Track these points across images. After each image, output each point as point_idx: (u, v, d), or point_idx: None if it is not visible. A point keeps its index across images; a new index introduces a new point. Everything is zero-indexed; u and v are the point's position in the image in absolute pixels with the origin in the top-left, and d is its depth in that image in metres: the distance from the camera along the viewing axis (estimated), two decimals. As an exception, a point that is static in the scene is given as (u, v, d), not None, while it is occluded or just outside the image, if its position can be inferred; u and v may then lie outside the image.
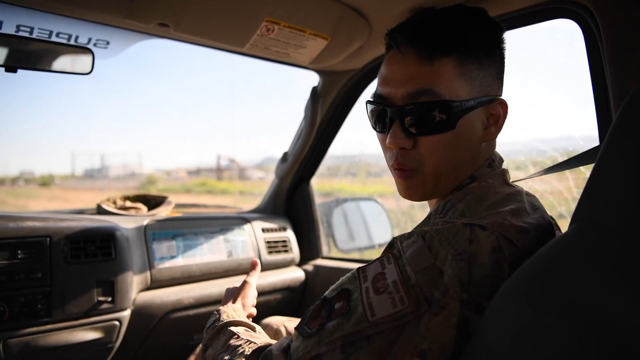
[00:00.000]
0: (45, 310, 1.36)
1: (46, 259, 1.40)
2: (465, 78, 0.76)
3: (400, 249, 0.68)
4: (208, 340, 0.92)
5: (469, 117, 0.76)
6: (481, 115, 0.79)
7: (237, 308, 1.05)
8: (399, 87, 0.76)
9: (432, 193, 0.81)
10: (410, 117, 0.75)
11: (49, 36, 1.30)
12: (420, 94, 0.74)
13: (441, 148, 0.76)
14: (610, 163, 0.58)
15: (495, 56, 0.80)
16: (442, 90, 0.74)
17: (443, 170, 0.78)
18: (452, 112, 0.74)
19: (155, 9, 1.19)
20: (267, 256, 2.00)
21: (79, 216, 1.65)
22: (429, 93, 0.74)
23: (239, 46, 1.44)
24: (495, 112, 0.80)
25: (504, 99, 0.81)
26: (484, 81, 0.78)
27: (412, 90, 0.75)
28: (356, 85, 1.86)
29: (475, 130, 0.79)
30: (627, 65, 0.95)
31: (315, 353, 0.65)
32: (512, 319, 0.53)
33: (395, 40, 0.79)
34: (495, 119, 0.81)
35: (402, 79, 0.76)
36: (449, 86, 0.74)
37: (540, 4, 1.17)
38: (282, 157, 2.17)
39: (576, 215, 0.59)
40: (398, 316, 0.61)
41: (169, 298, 1.64)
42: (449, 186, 0.80)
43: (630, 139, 0.57)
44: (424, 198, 0.82)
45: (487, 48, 0.79)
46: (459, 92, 0.75)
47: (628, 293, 0.48)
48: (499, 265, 0.63)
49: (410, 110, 0.75)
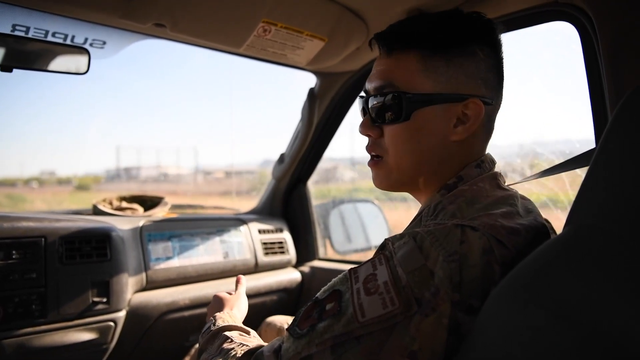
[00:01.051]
0: (40, 310, 1.35)
1: (41, 259, 1.40)
2: (429, 73, 0.79)
3: (392, 250, 0.68)
4: (203, 345, 0.93)
5: (426, 111, 0.79)
6: (447, 112, 0.79)
7: (233, 314, 1.05)
8: (372, 82, 0.84)
9: (401, 184, 0.86)
10: (374, 107, 0.83)
11: (45, 36, 1.30)
12: (383, 87, 0.81)
13: (398, 138, 0.81)
14: (604, 165, 0.58)
15: (473, 55, 0.80)
16: (400, 84, 0.80)
17: (403, 161, 0.81)
18: (405, 103, 0.78)
19: (152, 9, 1.19)
20: (263, 257, 1.99)
21: (74, 217, 1.65)
22: (389, 86, 0.80)
23: (235, 47, 1.44)
24: (470, 112, 0.79)
25: (477, 99, 0.79)
26: (454, 78, 0.78)
27: (378, 84, 0.82)
28: (353, 86, 1.86)
29: (437, 127, 0.79)
30: (623, 68, 0.95)
31: (305, 354, 0.65)
32: (506, 320, 0.53)
33: (372, 38, 0.86)
34: (468, 118, 0.79)
35: (375, 73, 0.84)
36: (407, 80, 0.79)
37: (536, 6, 1.17)
38: (279, 158, 2.17)
39: (571, 217, 0.58)
40: (388, 317, 0.61)
41: (164, 299, 1.64)
42: (426, 182, 0.82)
43: (625, 141, 0.57)
44: (391, 188, 0.87)
45: (460, 47, 0.79)
46: (421, 86, 0.79)
47: (622, 294, 0.48)
48: (490, 266, 0.63)
49: (373, 101, 0.83)
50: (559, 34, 1.34)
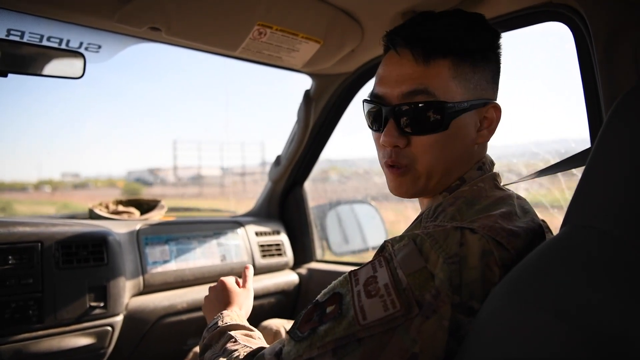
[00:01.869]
0: (36, 316, 1.35)
1: (37, 264, 1.39)
2: (460, 80, 0.77)
3: (392, 252, 0.68)
4: (208, 340, 0.92)
5: (462, 118, 0.78)
6: (474, 118, 0.80)
7: (240, 314, 1.05)
8: (395, 87, 0.78)
9: (423, 191, 0.82)
10: (405, 116, 0.77)
11: (40, 40, 1.30)
12: (415, 93, 0.76)
13: (434, 148, 0.77)
14: (600, 165, 0.58)
15: (490, 60, 0.82)
16: (437, 91, 0.76)
17: (435, 169, 0.79)
18: (446, 113, 0.75)
19: (147, 13, 1.18)
20: (260, 260, 1.99)
21: (70, 221, 1.64)
22: (424, 93, 0.76)
23: (231, 50, 1.44)
24: (489, 115, 0.82)
25: (497, 103, 0.83)
26: (479, 84, 0.80)
27: (407, 90, 0.77)
28: (349, 88, 1.87)
29: (468, 133, 0.80)
30: (617, 68, 0.96)
31: (307, 357, 0.65)
32: (504, 321, 0.53)
33: (392, 41, 0.80)
34: (489, 122, 0.82)
35: (398, 79, 0.78)
36: (443, 87, 0.76)
37: (531, 7, 1.18)
38: (276, 160, 2.17)
39: (567, 217, 0.59)
40: (389, 319, 0.61)
41: (161, 303, 1.63)
42: (439, 186, 0.81)
43: (620, 141, 0.57)
44: (414, 195, 0.84)
45: (483, 52, 0.80)
46: (453, 93, 0.77)
47: (619, 294, 0.48)
48: (490, 268, 0.63)
49: (404, 109, 0.77)
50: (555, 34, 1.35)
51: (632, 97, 0.59)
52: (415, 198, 0.86)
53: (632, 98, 0.59)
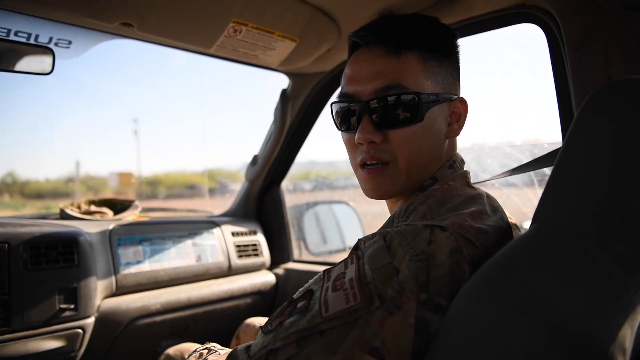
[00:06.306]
0: (3, 319, 1.31)
1: (4, 265, 1.35)
2: (429, 74, 0.80)
3: (363, 249, 0.69)
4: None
5: (434, 111, 0.80)
6: (445, 111, 0.82)
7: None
8: (367, 84, 0.79)
9: (402, 190, 0.82)
10: (380, 110, 0.77)
11: (7, 35, 1.26)
12: (388, 88, 0.77)
13: (412, 140, 0.78)
14: (569, 163, 0.59)
15: (453, 58, 0.86)
16: (409, 84, 0.77)
17: (413, 164, 0.79)
18: (421, 104, 0.77)
19: (119, 8, 1.16)
20: (237, 260, 1.97)
21: (40, 221, 1.60)
22: (397, 87, 0.77)
23: (206, 47, 1.42)
24: (457, 110, 0.84)
25: (463, 97, 0.86)
26: (445, 79, 0.83)
27: (381, 86, 0.77)
28: (325, 87, 1.86)
29: (440, 126, 0.82)
30: (588, 69, 0.98)
31: (270, 347, 0.65)
32: (473, 319, 0.53)
33: (363, 38, 0.81)
34: (457, 116, 0.85)
35: (370, 75, 0.79)
36: (414, 80, 0.78)
37: (504, 8, 1.19)
38: (252, 160, 2.15)
39: (537, 216, 0.59)
40: (350, 311, 0.61)
41: (135, 304, 1.60)
42: (416, 184, 0.82)
43: (588, 139, 0.58)
44: (393, 195, 0.83)
45: (446, 48, 0.84)
46: (423, 86, 0.79)
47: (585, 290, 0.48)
48: (459, 265, 0.64)
49: (379, 104, 0.77)
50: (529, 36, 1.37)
51: (599, 96, 0.60)
52: (391, 198, 0.85)
53: (600, 97, 0.60)
